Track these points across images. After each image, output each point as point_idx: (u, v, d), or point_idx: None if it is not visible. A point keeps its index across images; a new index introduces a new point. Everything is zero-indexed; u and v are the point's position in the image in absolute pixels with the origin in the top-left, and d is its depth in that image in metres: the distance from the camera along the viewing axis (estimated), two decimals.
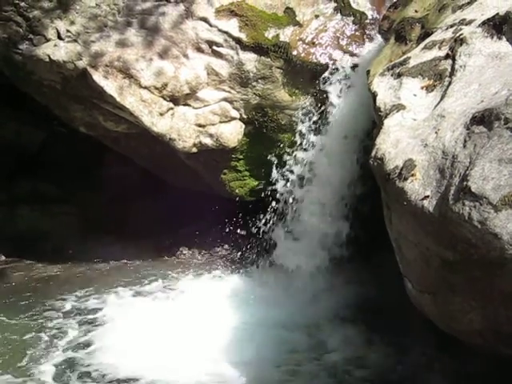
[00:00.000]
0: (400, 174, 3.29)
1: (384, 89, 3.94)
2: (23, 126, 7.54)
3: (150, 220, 6.46)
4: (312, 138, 5.54)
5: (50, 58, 5.47)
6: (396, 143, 3.46)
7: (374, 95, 3.99)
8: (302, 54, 5.58)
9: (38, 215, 7.02)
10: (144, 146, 6.25)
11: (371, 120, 4.41)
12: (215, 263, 6.02)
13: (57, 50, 5.46)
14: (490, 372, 3.69)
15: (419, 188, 3.18)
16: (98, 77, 5.35)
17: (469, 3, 4.17)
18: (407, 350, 4.35)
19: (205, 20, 5.53)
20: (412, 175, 3.24)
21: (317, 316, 5.04)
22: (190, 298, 5.61)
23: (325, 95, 5.49)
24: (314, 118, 5.55)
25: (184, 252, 6.48)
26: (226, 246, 6.30)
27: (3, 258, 6.65)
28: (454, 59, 3.73)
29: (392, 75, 3.99)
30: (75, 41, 5.46)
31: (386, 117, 3.71)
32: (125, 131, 5.90)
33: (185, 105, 5.60)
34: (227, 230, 5.94)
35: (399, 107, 3.70)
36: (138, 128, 5.69)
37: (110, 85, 5.36)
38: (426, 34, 4.26)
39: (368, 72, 4.50)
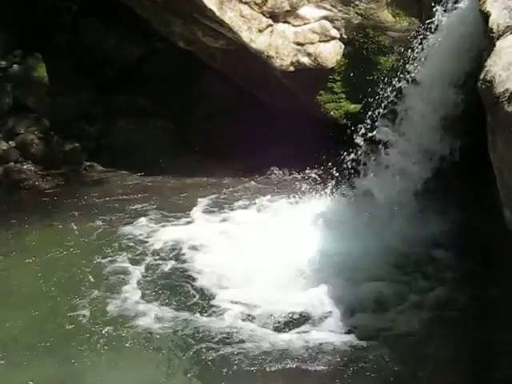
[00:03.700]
0: (510, 97, 3.16)
1: (498, 9, 3.78)
2: (122, 40, 7.64)
3: (242, 139, 6.49)
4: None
5: None
6: (508, 66, 3.32)
7: (486, 16, 3.82)
8: None
9: (134, 128, 7.19)
10: (240, 63, 6.25)
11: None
12: (304, 184, 6.00)
13: None
14: None
15: None
16: None
17: None
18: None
19: None
20: None
21: (406, 241, 5.04)
22: (277, 214, 5.72)
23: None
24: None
25: (275, 171, 6.50)
26: (317, 169, 6.26)
27: (100, 167, 6.91)
28: None
29: None
30: None
31: (498, 38, 3.58)
32: (223, 47, 5.90)
33: (284, 22, 5.53)
34: (319, 152, 5.89)
35: None
36: (235, 44, 5.68)
37: None
38: None
39: None
